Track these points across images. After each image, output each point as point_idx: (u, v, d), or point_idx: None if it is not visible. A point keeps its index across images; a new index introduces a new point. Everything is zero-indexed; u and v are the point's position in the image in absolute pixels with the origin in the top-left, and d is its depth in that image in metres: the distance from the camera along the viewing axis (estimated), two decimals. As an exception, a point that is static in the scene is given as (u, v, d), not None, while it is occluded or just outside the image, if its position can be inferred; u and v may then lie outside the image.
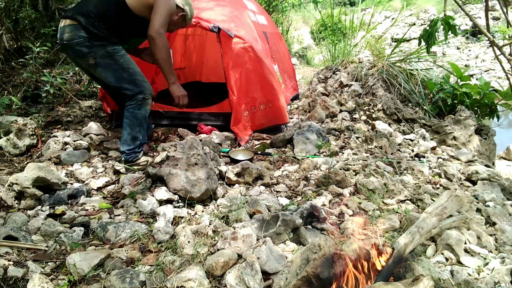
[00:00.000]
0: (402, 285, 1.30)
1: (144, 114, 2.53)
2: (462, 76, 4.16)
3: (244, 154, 2.89)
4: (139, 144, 2.56)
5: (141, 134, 2.54)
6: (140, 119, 2.51)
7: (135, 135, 2.51)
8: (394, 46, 4.95)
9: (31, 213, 1.98)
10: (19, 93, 3.66)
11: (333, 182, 2.42)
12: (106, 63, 2.42)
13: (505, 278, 1.53)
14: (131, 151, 2.52)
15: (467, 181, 2.63)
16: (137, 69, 2.50)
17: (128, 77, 2.46)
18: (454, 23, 2.43)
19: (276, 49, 4.40)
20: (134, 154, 2.53)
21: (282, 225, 1.77)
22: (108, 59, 2.41)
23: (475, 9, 12.25)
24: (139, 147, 2.56)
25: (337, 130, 3.47)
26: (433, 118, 4.01)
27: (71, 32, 2.33)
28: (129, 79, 2.46)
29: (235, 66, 3.15)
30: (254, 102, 3.28)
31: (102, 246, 1.74)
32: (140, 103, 2.49)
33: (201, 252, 1.67)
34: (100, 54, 2.38)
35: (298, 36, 11.07)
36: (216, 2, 3.56)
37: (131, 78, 2.46)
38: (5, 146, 2.71)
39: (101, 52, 2.38)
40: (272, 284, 1.49)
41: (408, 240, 1.56)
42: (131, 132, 2.51)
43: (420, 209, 2.18)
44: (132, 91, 2.47)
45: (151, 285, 1.46)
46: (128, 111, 2.49)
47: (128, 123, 2.50)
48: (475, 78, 6.54)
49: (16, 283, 1.43)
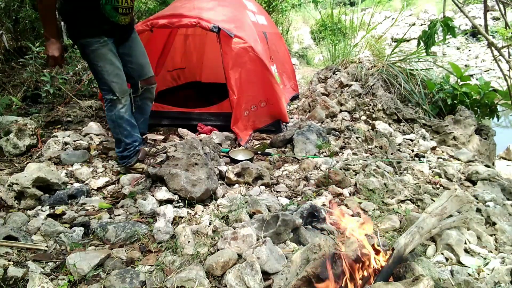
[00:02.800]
0: (402, 285, 1.30)
1: (118, 115, 2.38)
2: (462, 76, 4.16)
3: (244, 154, 2.89)
4: (125, 147, 2.45)
5: (123, 135, 2.43)
6: (115, 120, 2.39)
7: (117, 137, 2.45)
8: (394, 46, 4.95)
9: (31, 213, 1.98)
10: (19, 93, 3.66)
11: (333, 182, 2.42)
12: (85, 60, 2.36)
13: (505, 278, 1.53)
14: (120, 154, 2.48)
15: (467, 181, 2.63)
16: (108, 66, 2.28)
17: (96, 75, 2.34)
18: (453, 25, 2.43)
19: (275, 50, 4.40)
20: (124, 159, 2.48)
21: (282, 225, 1.77)
22: (84, 55, 2.33)
23: (475, 9, 12.24)
24: (126, 150, 2.46)
25: (337, 130, 3.47)
26: (433, 118, 4.01)
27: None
28: (97, 77, 2.34)
29: (235, 66, 3.15)
30: (254, 101, 3.28)
31: (102, 246, 1.75)
32: (110, 104, 2.36)
33: (201, 252, 1.67)
34: (80, 51, 2.32)
35: (298, 36, 11.07)
36: (217, 2, 3.57)
37: (98, 76, 2.32)
38: (5, 146, 2.71)
39: (79, 49, 2.31)
40: (272, 284, 1.49)
41: (408, 240, 1.56)
42: (114, 136, 2.48)
43: (420, 209, 2.18)
44: (103, 90, 2.36)
45: (151, 285, 1.46)
46: (106, 114, 2.44)
47: (109, 127, 2.47)
48: (475, 78, 6.54)
49: (16, 283, 1.43)
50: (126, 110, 2.40)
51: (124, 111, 2.39)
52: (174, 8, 3.53)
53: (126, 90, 2.39)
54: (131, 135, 2.46)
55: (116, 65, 2.31)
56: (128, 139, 2.45)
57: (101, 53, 2.24)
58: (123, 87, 2.35)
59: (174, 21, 3.12)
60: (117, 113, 2.37)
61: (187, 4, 3.43)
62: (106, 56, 2.26)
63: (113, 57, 2.30)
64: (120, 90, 2.32)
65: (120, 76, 2.33)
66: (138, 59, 2.52)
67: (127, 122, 2.43)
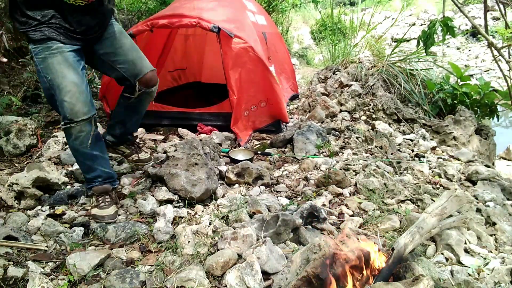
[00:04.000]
0: (402, 285, 1.30)
1: (71, 145, 1.87)
2: (462, 76, 4.16)
3: (244, 154, 2.89)
4: (87, 182, 2.02)
5: (82, 170, 1.98)
6: (74, 151, 1.91)
7: (81, 167, 2.01)
8: (394, 46, 4.95)
9: (31, 213, 1.98)
10: (19, 93, 3.66)
11: (333, 182, 2.42)
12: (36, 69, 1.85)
13: (505, 278, 1.53)
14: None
15: (467, 181, 2.63)
16: (62, 80, 1.73)
17: (45, 92, 1.90)
18: (453, 25, 2.43)
19: (274, 50, 4.40)
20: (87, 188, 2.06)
21: (282, 225, 1.77)
22: (35, 64, 1.82)
23: (475, 9, 12.23)
24: (88, 185, 2.02)
25: (337, 130, 3.47)
26: (433, 118, 4.01)
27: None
28: (46, 94, 1.91)
29: (235, 66, 3.15)
30: (254, 101, 3.28)
31: (102, 246, 1.75)
32: (65, 131, 1.84)
33: (201, 252, 1.67)
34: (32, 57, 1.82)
35: (298, 36, 11.07)
36: (218, 2, 3.57)
37: (46, 93, 1.91)
38: (5, 146, 2.71)
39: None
40: (272, 284, 1.49)
41: (408, 240, 1.56)
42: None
43: (420, 209, 2.18)
44: (58, 112, 1.90)
45: (151, 285, 1.46)
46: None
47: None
48: (475, 78, 6.53)
49: (16, 283, 1.43)
50: (82, 142, 1.83)
51: (78, 143, 1.84)
52: (174, 8, 3.53)
53: (82, 113, 1.77)
54: (92, 170, 1.95)
55: (70, 79, 1.75)
56: (88, 175, 1.97)
57: (51, 62, 1.74)
58: (76, 108, 1.75)
59: (174, 21, 3.12)
60: (71, 143, 1.86)
61: (187, 4, 3.43)
62: (59, 67, 1.74)
63: (67, 68, 1.75)
64: (71, 112, 1.74)
65: (74, 95, 1.74)
66: (127, 56, 2.01)
67: (85, 156, 1.90)
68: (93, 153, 1.91)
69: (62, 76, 1.74)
